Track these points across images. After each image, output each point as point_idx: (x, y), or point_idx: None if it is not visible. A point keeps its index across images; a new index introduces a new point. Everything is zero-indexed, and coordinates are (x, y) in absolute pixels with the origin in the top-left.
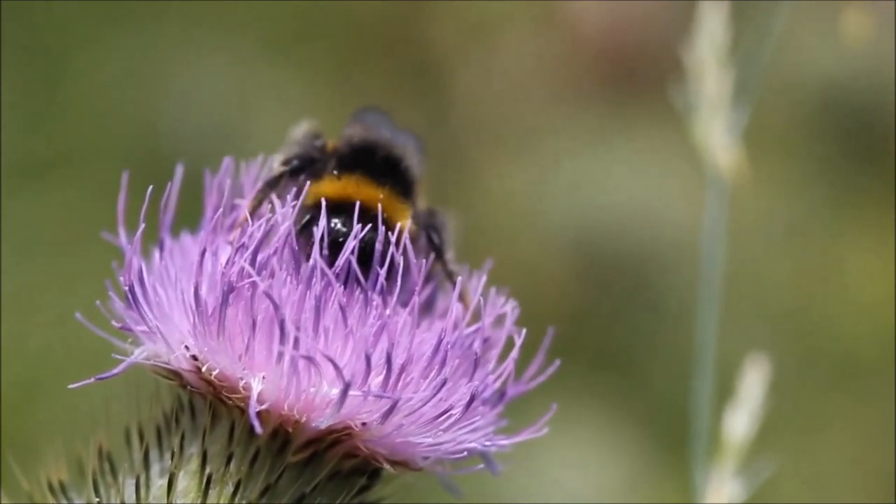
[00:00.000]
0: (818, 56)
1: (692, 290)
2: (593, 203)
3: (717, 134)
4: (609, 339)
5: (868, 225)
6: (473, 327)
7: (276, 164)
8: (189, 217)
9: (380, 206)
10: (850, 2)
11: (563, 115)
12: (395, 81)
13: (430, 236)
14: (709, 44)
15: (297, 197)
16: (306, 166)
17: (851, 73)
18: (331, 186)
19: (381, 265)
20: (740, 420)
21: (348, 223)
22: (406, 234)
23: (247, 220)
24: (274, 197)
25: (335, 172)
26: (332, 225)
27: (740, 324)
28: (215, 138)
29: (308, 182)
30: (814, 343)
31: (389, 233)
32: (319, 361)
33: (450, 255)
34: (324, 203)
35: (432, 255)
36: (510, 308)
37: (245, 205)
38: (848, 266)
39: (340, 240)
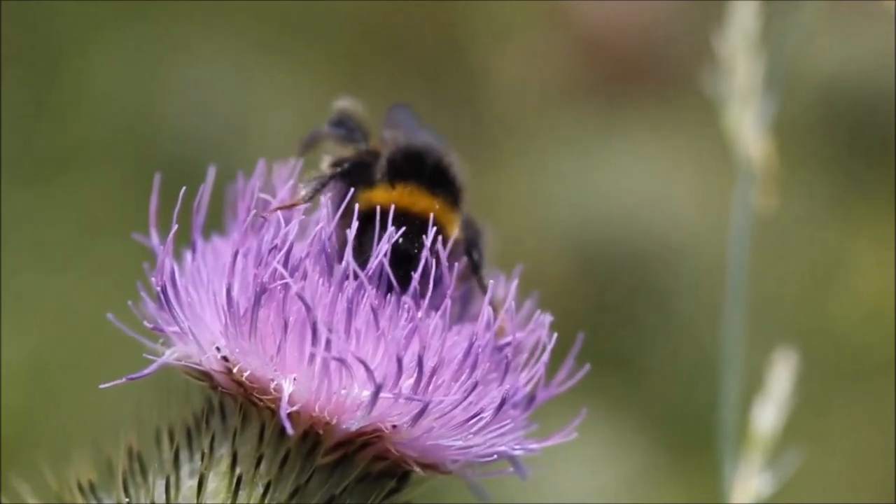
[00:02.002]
0: (823, 56)
1: (697, 289)
2: (598, 202)
3: (747, 125)
4: (613, 339)
5: (872, 225)
6: (506, 339)
7: (325, 166)
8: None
9: (432, 216)
10: None
11: (568, 113)
12: (399, 80)
13: (470, 253)
14: (740, 34)
15: (340, 202)
16: (356, 170)
17: (857, 73)
18: (385, 195)
19: (415, 270)
20: (768, 414)
21: (409, 236)
22: (450, 243)
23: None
24: (326, 199)
25: (388, 180)
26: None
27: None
28: (217, 138)
29: (353, 189)
30: (816, 342)
31: (441, 244)
32: (351, 363)
33: (486, 271)
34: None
35: (468, 266)
36: (540, 313)
37: (287, 202)
38: (852, 266)
39: (399, 250)
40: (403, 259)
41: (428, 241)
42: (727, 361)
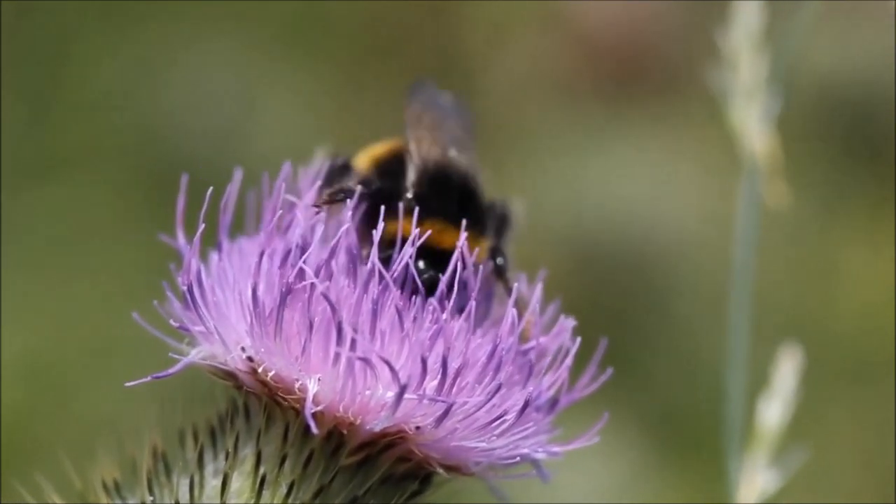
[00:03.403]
0: (821, 56)
1: (697, 289)
2: (598, 201)
3: (752, 120)
4: (612, 338)
5: (869, 225)
6: (530, 343)
7: (353, 184)
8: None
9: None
10: None
11: (567, 113)
12: (400, 80)
13: (494, 258)
14: (744, 31)
15: (367, 215)
16: (383, 193)
17: (856, 72)
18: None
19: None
20: (774, 410)
21: (432, 269)
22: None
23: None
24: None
25: (416, 210)
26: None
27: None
28: (219, 138)
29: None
30: (816, 342)
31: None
32: (375, 363)
33: (511, 274)
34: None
35: (492, 272)
36: (564, 317)
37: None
38: (851, 265)
39: (426, 281)
40: (432, 287)
41: (445, 274)
42: (732, 357)
